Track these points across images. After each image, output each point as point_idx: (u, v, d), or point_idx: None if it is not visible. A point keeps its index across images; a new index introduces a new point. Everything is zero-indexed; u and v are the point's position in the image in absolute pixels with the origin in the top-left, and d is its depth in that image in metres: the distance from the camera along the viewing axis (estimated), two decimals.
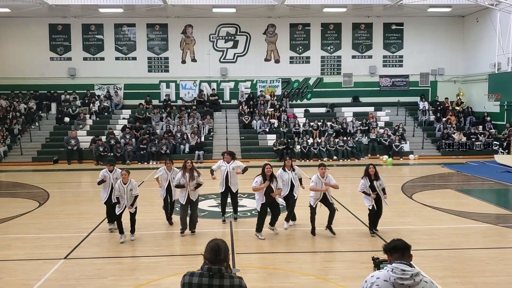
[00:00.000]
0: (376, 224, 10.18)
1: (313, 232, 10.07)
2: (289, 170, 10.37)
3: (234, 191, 11.03)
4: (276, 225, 10.21)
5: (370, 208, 9.97)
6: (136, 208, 10.02)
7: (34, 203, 13.83)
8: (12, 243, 9.81)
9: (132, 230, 10.03)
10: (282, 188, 10.09)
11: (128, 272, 7.99)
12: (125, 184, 9.77)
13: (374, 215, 10.06)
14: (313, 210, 10.03)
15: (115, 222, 10.12)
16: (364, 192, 9.97)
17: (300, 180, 10.67)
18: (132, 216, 9.96)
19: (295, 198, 10.45)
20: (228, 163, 10.91)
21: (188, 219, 10.34)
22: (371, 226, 10.17)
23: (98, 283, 7.53)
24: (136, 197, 9.90)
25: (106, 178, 10.53)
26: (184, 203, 10.17)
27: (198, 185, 10.26)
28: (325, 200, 10.00)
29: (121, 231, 9.85)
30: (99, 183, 10.56)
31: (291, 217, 10.71)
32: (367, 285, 3.62)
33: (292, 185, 10.31)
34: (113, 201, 10.21)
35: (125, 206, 9.79)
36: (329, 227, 9.98)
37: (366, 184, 9.94)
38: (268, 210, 10.02)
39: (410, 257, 3.67)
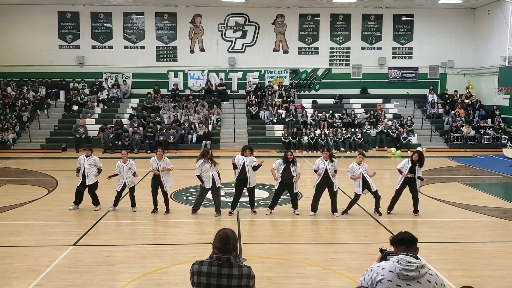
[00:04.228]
0: (416, 207, 11.08)
1: (344, 213, 11.07)
2: (326, 160, 10.78)
3: (251, 186, 11.02)
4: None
5: (398, 188, 10.92)
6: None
7: (43, 190, 13.97)
8: (22, 229, 9.94)
9: (133, 204, 11.36)
10: (300, 174, 11.00)
11: (136, 260, 8.07)
12: (124, 163, 11.17)
13: (397, 198, 11.01)
14: (357, 197, 10.97)
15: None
16: (399, 171, 10.89)
17: (335, 171, 10.96)
18: (131, 192, 11.29)
19: (335, 190, 10.87)
20: (245, 156, 10.91)
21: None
22: (389, 207, 11.12)
23: (107, 270, 7.62)
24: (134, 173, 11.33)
25: (81, 162, 11.37)
26: (206, 188, 10.81)
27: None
28: (367, 187, 10.84)
29: (116, 204, 11.41)
30: (78, 170, 11.42)
31: (336, 207, 11.01)
32: (372, 274, 3.66)
33: (327, 175, 10.71)
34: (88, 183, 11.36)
35: (124, 183, 11.11)
36: (377, 210, 11.03)
37: (407, 165, 10.72)
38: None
39: (416, 250, 3.70)
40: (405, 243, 3.70)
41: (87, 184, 11.34)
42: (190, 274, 3.74)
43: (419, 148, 23.71)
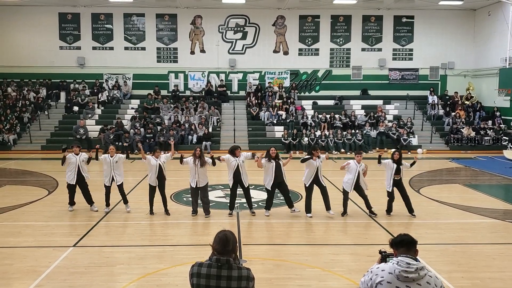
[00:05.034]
0: (410, 207, 11.07)
1: (343, 214, 11.07)
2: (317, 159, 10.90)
3: (246, 186, 11.04)
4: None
5: (389, 190, 10.94)
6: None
7: (43, 191, 13.99)
8: (22, 230, 9.94)
9: (125, 201, 11.44)
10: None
11: (136, 261, 8.08)
12: (111, 157, 11.19)
13: (393, 199, 11.03)
14: (346, 195, 11.02)
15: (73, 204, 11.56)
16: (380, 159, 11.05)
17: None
18: (120, 187, 11.32)
19: (324, 185, 10.97)
20: (237, 157, 10.92)
21: (199, 203, 11.11)
22: (388, 210, 11.16)
23: (107, 271, 7.63)
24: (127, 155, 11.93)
25: (72, 161, 11.30)
26: (194, 187, 10.80)
27: (213, 161, 10.90)
28: (357, 187, 10.90)
29: (108, 204, 11.42)
30: (63, 163, 11.44)
31: (329, 205, 11.02)
32: (372, 275, 3.66)
33: (317, 173, 10.80)
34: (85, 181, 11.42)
35: (112, 178, 11.16)
36: (370, 211, 11.03)
37: (391, 165, 10.82)
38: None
39: (416, 252, 3.71)
40: (404, 245, 3.71)
41: (83, 180, 11.34)
42: (190, 276, 3.74)
43: (419, 150, 23.84)
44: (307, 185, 10.88)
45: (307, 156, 10.91)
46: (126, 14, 28.43)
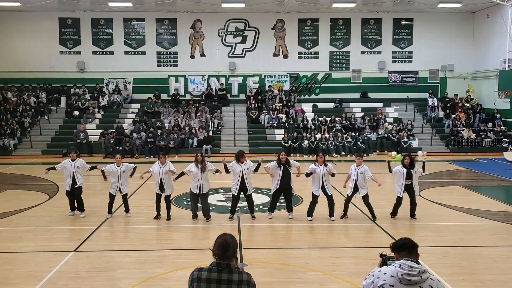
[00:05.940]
0: (413, 211, 11.04)
1: (343, 217, 11.08)
2: (321, 165, 10.74)
3: (249, 192, 11.03)
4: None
5: (400, 195, 10.86)
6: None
7: (44, 196, 13.99)
8: (23, 235, 9.94)
9: (126, 210, 11.38)
10: (299, 166, 11.10)
11: (136, 265, 8.07)
12: (118, 166, 11.09)
13: (400, 204, 10.98)
14: (348, 198, 11.03)
15: (78, 210, 11.49)
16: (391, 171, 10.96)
17: (333, 174, 10.93)
18: (124, 197, 11.28)
19: (330, 194, 10.85)
20: (242, 163, 10.91)
21: (198, 208, 11.10)
22: (393, 213, 11.14)
23: (107, 276, 7.62)
24: (134, 168, 11.55)
25: (67, 167, 11.25)
26: (196, 193, 10.79)
27: (216, 171, 10.98)
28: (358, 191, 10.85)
29: (110, 211, 11.29)
30: (49, 169, 11.49)
31: (333, 212, 10.99)
32: (374, 278, 3.65)
33: (323, 181, 10.73)
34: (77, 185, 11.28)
35: (119, 189, 11.05)
36: (373, 216, 10.98)
37: (402, 170, 10.73)
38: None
39: (417, 256, 3.70)
40: (406, 249, 3.70)
41: (76, 186, 11.26)
42: (189, 282, 3.71)
43: (419, 152, 23.83)
44: (315, 194, 10.87)
45: (308, 172, 10.80)
46: (126, 19, 28.51)
